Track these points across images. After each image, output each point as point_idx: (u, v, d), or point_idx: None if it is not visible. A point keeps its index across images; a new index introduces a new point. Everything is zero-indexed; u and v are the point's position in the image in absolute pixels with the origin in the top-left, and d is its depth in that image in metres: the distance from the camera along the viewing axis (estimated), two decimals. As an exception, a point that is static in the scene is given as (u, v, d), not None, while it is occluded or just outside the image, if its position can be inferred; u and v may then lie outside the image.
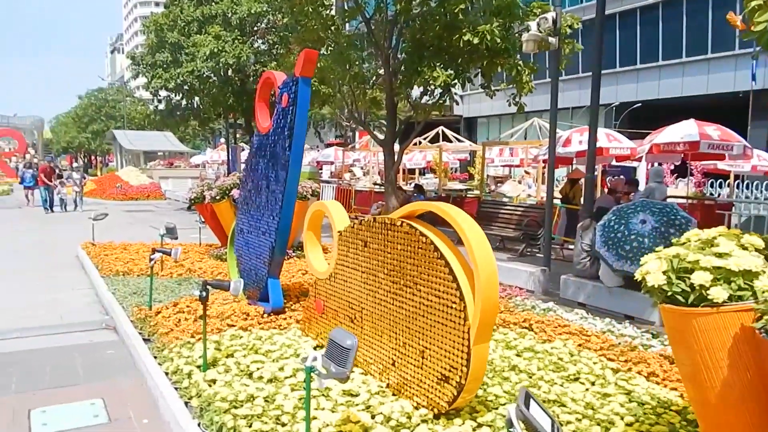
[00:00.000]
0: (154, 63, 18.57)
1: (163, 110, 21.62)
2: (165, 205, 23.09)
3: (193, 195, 9.50)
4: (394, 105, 12.32)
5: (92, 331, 6.16)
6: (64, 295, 7.78)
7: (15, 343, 5.74)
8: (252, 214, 6.25)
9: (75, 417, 4.10)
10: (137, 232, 13.55)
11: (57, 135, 72.98)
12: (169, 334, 5.24)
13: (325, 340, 4.75)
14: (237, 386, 3.98)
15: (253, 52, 18.19)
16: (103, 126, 54.76)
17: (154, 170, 32.68)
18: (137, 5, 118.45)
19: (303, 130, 5.45)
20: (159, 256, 6.33)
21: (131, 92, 61.20)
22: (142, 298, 6.67)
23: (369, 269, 4.08)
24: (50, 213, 18.78)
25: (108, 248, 10.04)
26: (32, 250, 11.49)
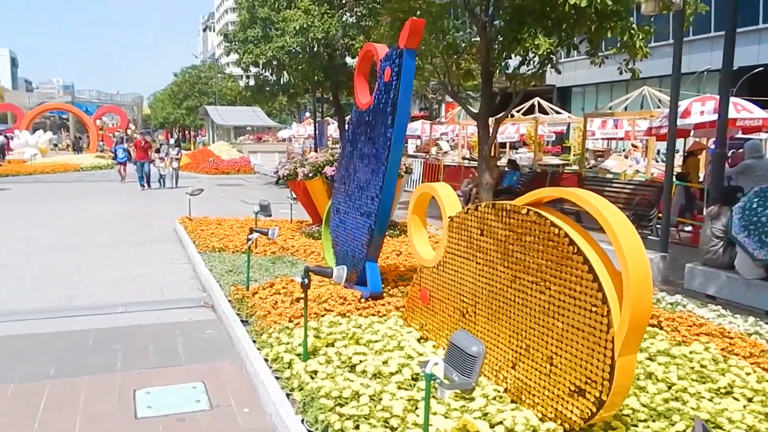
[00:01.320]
0: (246, 39, 18.74)
1: (253, 86, 21.92)
2: (254, 179, 23.60)
3: (285, 172, 9.40)
4: (489, 76, 11.67)
5: (191, 308, 6.18)
6: (163, 269, 7.94)
7: (120, 318, 5.84)
8: (349, 193, 5.98)
9: (177, 400, 4.02)
10: (229, 206, 13.83)
11: (154, 111, 76.98)
12: (266, 317, 5.09)
13: (431, 332, 4.47)
14: (340, 381, 3.73)
15: (341, 25, 17.91)
16: (196, 102, 56.99)
17: (243, 145, 33.54)
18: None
19: (407, 106, 5.08)
20: (256, 235, 6.22)
21: (222, 69, 63.17)
22: (238, 276, 6.62)
23: (485, 260, 3.68)
24: (146, 189, 18.49)
25: (204, 223, 10.20)
26: (131, 223, 11.92)
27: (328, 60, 19.33)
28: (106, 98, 67.01)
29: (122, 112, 52.33)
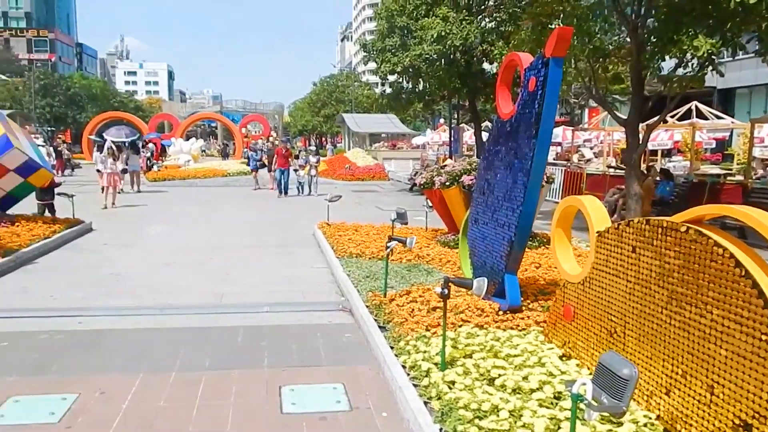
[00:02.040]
0: (384, 48, 19.40)
1: (389, 93, 22.58)
2: (388, 185, 24.25)
3: (422, 180, 9.61)
4: (640, 79, 11.08)
5: (330, 311, 6.53)
6: (304, 272, 8.46)
7: (265, 317, 6.32)
8: (489, 204, 6.01)
9: (319, 399, 4.30)
10: (365, 212, 14.36)
11: (294, 119, 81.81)
12: (404, 324, 5.28)
13: (573, 349, 4.37)
14: (479, 393, 3.78)
15: (480, 31, 17.93)
16: (333, 110, 59.74)
17: (378, 151, 34.60)
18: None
19: (552, 116, 5.03)
20: (395, 244, 6.45)
21: (358, 77, 65.68)
22: (374, 282, 6.90)
23: (637, 278, 3.54)
24: (283, 197, 18.88)
25: (341, 228, 10.71)
26: (273, 227, 12.81)
27: (466, 66, 19.42)
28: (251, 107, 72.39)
29: (265, 120, 56.23)
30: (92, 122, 42.99)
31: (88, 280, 7.74)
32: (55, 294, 7.02)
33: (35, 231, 9.99)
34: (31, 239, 9.43)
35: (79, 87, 65.36)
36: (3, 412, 3.96)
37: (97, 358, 5.00)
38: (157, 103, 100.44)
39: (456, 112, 27.30)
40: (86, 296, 6.93)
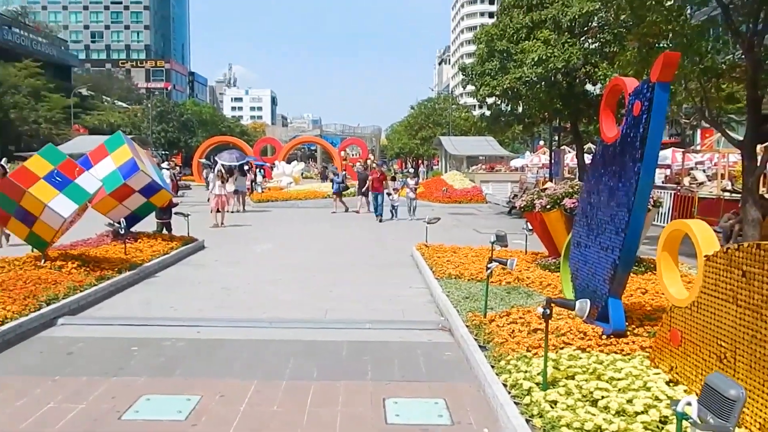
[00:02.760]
0: (483, 72, 19.60)
1: (488, 116, 22.70)
2: (486, 208, 24.21)
3: (522, 203, 9.67)
4: (756, 99, 10.58)
5: (430, 330, 6.75)
6: (403, 291, 8.74)
7: (368, 333, 6.63)
8: (592, 227, 6.02)
9: (422, 413, 4.51)
10: (462, 235, 14.49)
11: (391, 141, 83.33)
12: (504, 344, 5.40)
13: (681, 375, 4.32)
14: (581, 413, 3.85)
15: (583, 53, 17.73)
16: (430, 132, 60.39)
17: (475, 174, 34.60)
18: (464, 17, 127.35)
19: (658, 140, 5.04)
20: (495, 265, 6.59)
21: (456, 100, 66.11)
22: (474, 303, 7.05)
23: (748, 303, 3.51)
24: (379, 222, 18.55)
25: (439, 250, 10.92)
26: (372, 248, 13.24)
27: (567, 88, 19.22)
28: (349, 131, 74.55)
29: (363, 143, 57.70)
30: (202, 146, 46.09)
31: (203, 294, 8.44)
32: (175, 305, 7.73)
33: (155, 247, 10.98)
34: (152, 255, 10.39)
35: (191, 113, 70.45)
36: (137, 408, 4.49)
37: (215, 365, 5.52)
38: (261, 127, 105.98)
39: (557, 134, 26.90)
40: (202, 308, 7.58)
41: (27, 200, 8.00)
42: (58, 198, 8.11)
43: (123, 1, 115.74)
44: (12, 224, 8.37)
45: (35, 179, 8.10)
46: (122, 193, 10.95)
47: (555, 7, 18.28)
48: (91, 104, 63.46)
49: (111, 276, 8.45)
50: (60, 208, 8.11)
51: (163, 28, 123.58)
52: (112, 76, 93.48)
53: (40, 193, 8.02)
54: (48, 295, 6.94)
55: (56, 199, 8.09)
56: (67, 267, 8.33)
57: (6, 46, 57.06)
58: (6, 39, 57.90)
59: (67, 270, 8.20)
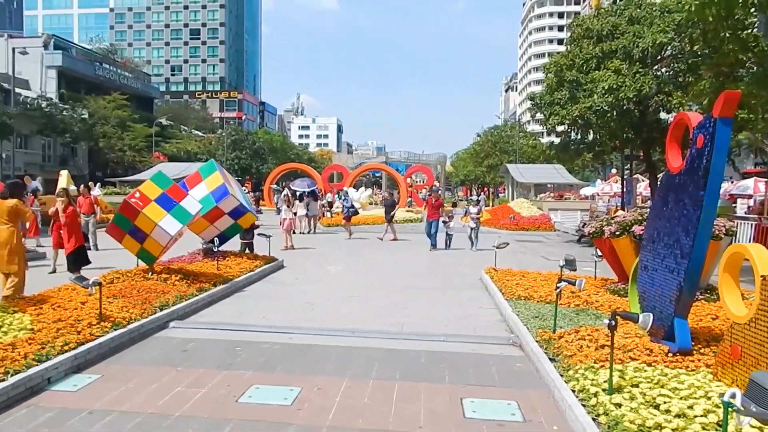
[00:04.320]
0: (552, 101, 20.02)
1: (557, 144, 22.98)
2: (554, 236, 24.33)
3: (591, 229, 10.06)
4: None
5: (501, 345, 7.27)
6: (473, 311, 9.28)
7: (442, 345, 7.22)
8: (658, 251, 6.45)
9: (495, 411, 5.08)
10: (530, 261, 14.86)
11: (456, 169, 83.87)
12: (573, 357, 5.88)
13: (741, 387, 4.69)
14: (644, 413, 4.32)
15: (655, 82, 17.90)
16: (497, 160, 60.61)
17: (543, 202, 34.64)
18: (532, 45, 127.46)
19: (720, 171, 5.48)
20: (564, 284, 7.08)
21: (523, 127, 66.14)
22: (543, 322, 7.53)
23: (800, 316, 3.93)
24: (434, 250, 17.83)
25: (508, 274, 11.40)
26: (439, 271, 13.79)
27: (639, 117, 19.35)
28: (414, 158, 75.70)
29: (428, 170, 58.58)
30: (273, 173, 48.13)
31: (289, 307, 9.27)
32: (266, 315, 8.58)
33: (242, 265, 11.99)
34: (240, 271, 11.37)
35: (263, 141, 73.55)
36: (250, 394, 5.28)
37: (309, 365, 6.25)
38: (327, 154, 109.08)
39: (629, 163, 26.80)
40: (290, 319, 8.38)
41: (140, 220, 9.16)
42: (166, 218, 9.23)
43: (201, 37, 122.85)
44: (126, 240, 9.52)
45: (147, 201, 9.26)
46: (214, 215, 12.06)
47: (626, 38, 18.59)
48: (170, 133, 67.38)
49: (208, 288, 9.45)
50: (168, 226, 9.22)
51: (237, 61, 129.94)
52: (189, 107, 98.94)
53: (152, 213, 9.17)
54: (160, 302, 7.96)
55: (165, 219, 9.21)
56: (171, 279, 9.40)
57: (97, 80, 61.83)
58: (98, 74, 62.71)
59: (171, 282, 9.27)
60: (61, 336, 6.05)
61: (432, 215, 18.24)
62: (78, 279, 6.96)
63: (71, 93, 55.64)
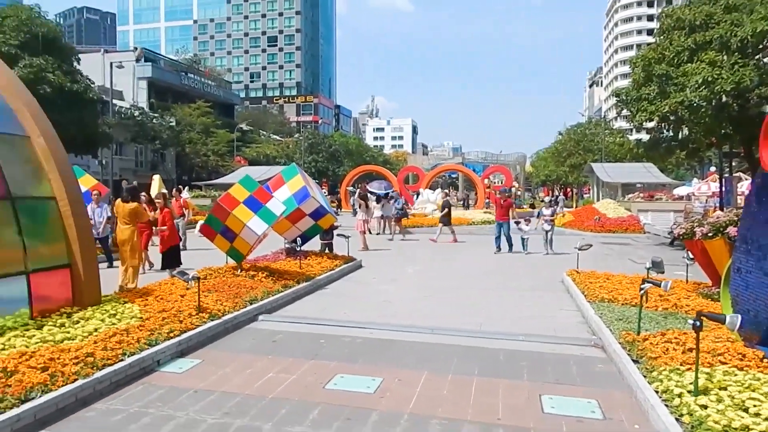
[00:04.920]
0: (639, 97, 19.44)
1: (646, 142, 22.28)
2: (643, 238, 23.59)
3: (681, 231, 9.84)
4: None
5: (582, 346, 7.31)
6: (553, 312, 9.31)
7: (521, 344, 7.35)
8: (752, 253, 6.31)
9: (575, 408, 5.20)
10: (615, 264, 14.57)
11: (536, 169, 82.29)
12: (657, 359, 5.87)
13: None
14: (730, 415, 4.33)
15: (757, 73, 17.03)
16: (580, 159, 59.09)
17: (632, 203, 33.55)
18: (618, 36, 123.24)
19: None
20: (648, 286, 7.05)
21: (609, 125, 64.12)
22: (627, 324, 7.49)
23: None
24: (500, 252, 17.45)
25: (591, 276, 11.28)
26: (517, 273, 13.79)
27: (739, 111, 18.48)
28: (492, 158, 74.97)
29: (507, 170, 57.95)
30: (349, 175, 49.12)
31: (368, 305, 9.65)
32: (347, 312, 8.99)
33: (323, 264, 12.51)
34: (321, 270, 11.89)
35: (338, 144, 75.17)
36: (335, 382, 5.68)
37: (390, 358, 6.58)
38: (402, 156, 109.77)
39: (729, 160, 25.55)
40: (369, 316, 8.75)
41: (230, 220, 9.86)
42: (253, 219, 9.89)
43: (278, 44, 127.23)
44: (217, 240, 10.23)
45: (236, 203, 9.95)
46: (296, 216, 12.66)
47: (722, 27, 17.79)
48: (250, 138, 70.09)
49: (292, 285, 10.03)
50: (255, 227, 9.87)
51: (313, 66, 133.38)
52: (267, 112, 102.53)
53: (241, 214, 9.85)
54: (250, 297, 8.57)
55: (252, 220, 9.87)
56: (258, 276, 10.02)
57: (183, 89, 65.45)
58: (183, 84, 66.41)
59: (258, 278, 9.89)
60: (167, 324, 6.70)
61: (501, 216, 17.79)
62: (179, 273, 7.66)
63: (160, 102, 59.20)
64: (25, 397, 4.60)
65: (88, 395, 5.08)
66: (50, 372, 5.03)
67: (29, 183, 7.25)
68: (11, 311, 6.49)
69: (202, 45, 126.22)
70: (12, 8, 29.49)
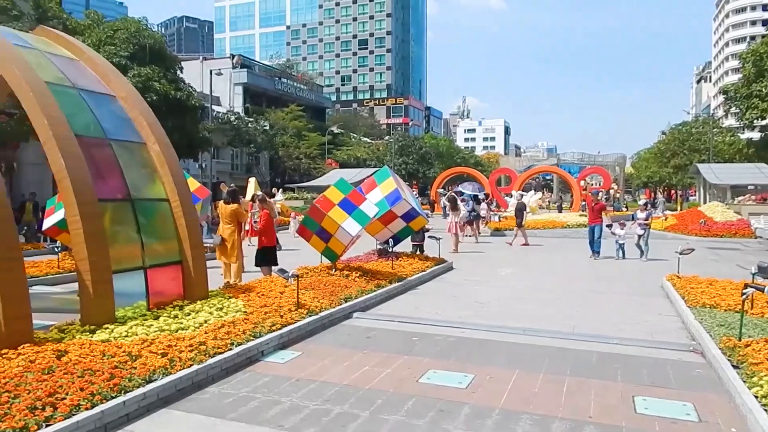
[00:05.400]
0: (750, 94, 18.50)
1: (757, 141, 21.13)
2: (754, 243, 22.35)
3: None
4: None
5: (680, 351, 7.22)
6: (652, 318, 9.18)
7: (615, 347, 7.36)
8: None
9: (669, 409, 5.24)
10: (721, 269, 14.02)
11: (637, 170, 79.08)
12: (759, 365, 5.76)
13: None
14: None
15: None
16: (685, 160, 56.35)
17: (742, 206, 31.74)
18: (729, 29, 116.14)
19: None
20: (751, 291, 6.89)
21: (718, 123, 60.68)
22: (728, 330, 7.31)
23: None
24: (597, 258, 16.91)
25: (693, 282, 10.96)
26: (613, 276, 13.57)
27: None
28: (589, 159, 72.67)
29: (605, 172, 56.08)
30: (439, 177, 49.39)
31: (460, 305, 9.91)
32: (438, 311, 9.29)
33: (414, 265, 12.88)
34: (413, 271, 12.25)
35: (429, 146, 75.53)
36: (428, 376, 6.00)
37: (481, 356, 6.82)
38: (494, 157, 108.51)
39: None
40: (461, 315, 9.00)
41: (326, 222, 10.45)
42: (348, 220, 10.42)
43: (369, 47, 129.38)
44: (313, 240, 10.84)
45: (331, 205, 10.53)
46: (388, 218, 13.10)
47: None
48: (341, 141, 71.84)
49: (384, 285, 10.46)
50: (349, 228, 10.40)
51: (403, 67, 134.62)
52: (357, 115, 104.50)
53: (336, 216, 10.42)
54: (345, 295, 9.07)
55: (347, 221, 10.40)
56: (352, 276, 10.54)
57: (277, 94, 68.18)
58: (277, 88, 69.19)
59: (352, 278, 10.41)
60: (269, 318, 7.27)
61: (593, 220, 17.31)
62: (280, 271, 8.27)
63: (254, 107, 61.93)
64: (149, 378, 5.22)
65: (202, 379, 5.67)
66: (169, 357, 5.66)
67: (145, 185, 8.05)
68: (130, 303, 7.27)
69: (295, 50, 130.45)
70: (122, 21, 31.98)
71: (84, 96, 7.61)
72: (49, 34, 8.74)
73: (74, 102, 7.39)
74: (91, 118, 7.49)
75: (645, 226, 16.94)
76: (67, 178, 6.51)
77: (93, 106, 7.63)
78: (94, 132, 7.42)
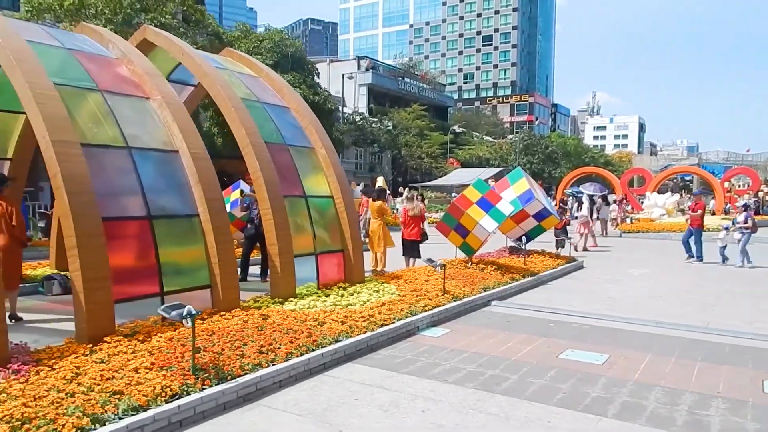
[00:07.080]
0: None
1: None
2: None
3: None
4: None
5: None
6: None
7: (750, 341, 7.87)
8: None
9: (798, 393, 5.85)
10: None
11: (793, 171, 73.19)
12: None
13: None
14: None
15: None
16: None
17: None
18: None
19: None
20: None
21: None
22: None
23: None
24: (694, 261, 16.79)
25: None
26: (754, 278, 13.55)
27: None
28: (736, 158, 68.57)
29: (753, 172, 52.80)
30: (567, 177, 48.86)
31: (591, 300, 10.65)
32: (571, 304, 10.11)
33: (545, 262, 13.69)
34: (544, 268, 13.08)
35: (556, 145, 74.49)
36: (567, 353, 6.96)
37: (614, 341, 7.64)
38: (627, 157, 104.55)
39: None
40: (594, 309, 9.76)
41: (465, 219, 11.61)
42: (485, 218, 11.50)
43: (493, 43, 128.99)
44: (451, 236, 12.02)
45: (469, 204, 11.66)
46: (520, 217, 14.00)
47: None
48: (462, 140, 72.63)
49: (518, 279, 11.44)
50: (486, 225, 11.48)
51: (529, 63, 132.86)
52: (480, 113, 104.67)
53: (474, 213, 11.55)
54: (483, 285, 10.17)
55: (484, 219, 11.49)
56: (487, 269, 11.62)
57: (400, 94, 70.27)
58: (401, 88, 71.28)
59: (487, 271, 11.49)
60: (420, 300, 8.55)
61: (694, 222, 17.25)
62: (428, 261, 9.50)
63: (378, 107, 64.29)
64: (336, 339, 6.60)
65: (374, 344, 7.01)
66: (348, 325, 7.06)
67: (315, 185, 9.59)
68: (304, 283, 8.82)
69: (417, 48, 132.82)
70: (268, 33, 35.10)
71: (267, 108, 9.29)
72: (233, 55, 10.56)
73: (260, 114, 9.07)
74: (273, 127, 9.15)
75: (744, 230, 16.11)
76: (261, 177, 8.13)
77: (274, 116, 9.29)
78: (276, 139, 9.06)
